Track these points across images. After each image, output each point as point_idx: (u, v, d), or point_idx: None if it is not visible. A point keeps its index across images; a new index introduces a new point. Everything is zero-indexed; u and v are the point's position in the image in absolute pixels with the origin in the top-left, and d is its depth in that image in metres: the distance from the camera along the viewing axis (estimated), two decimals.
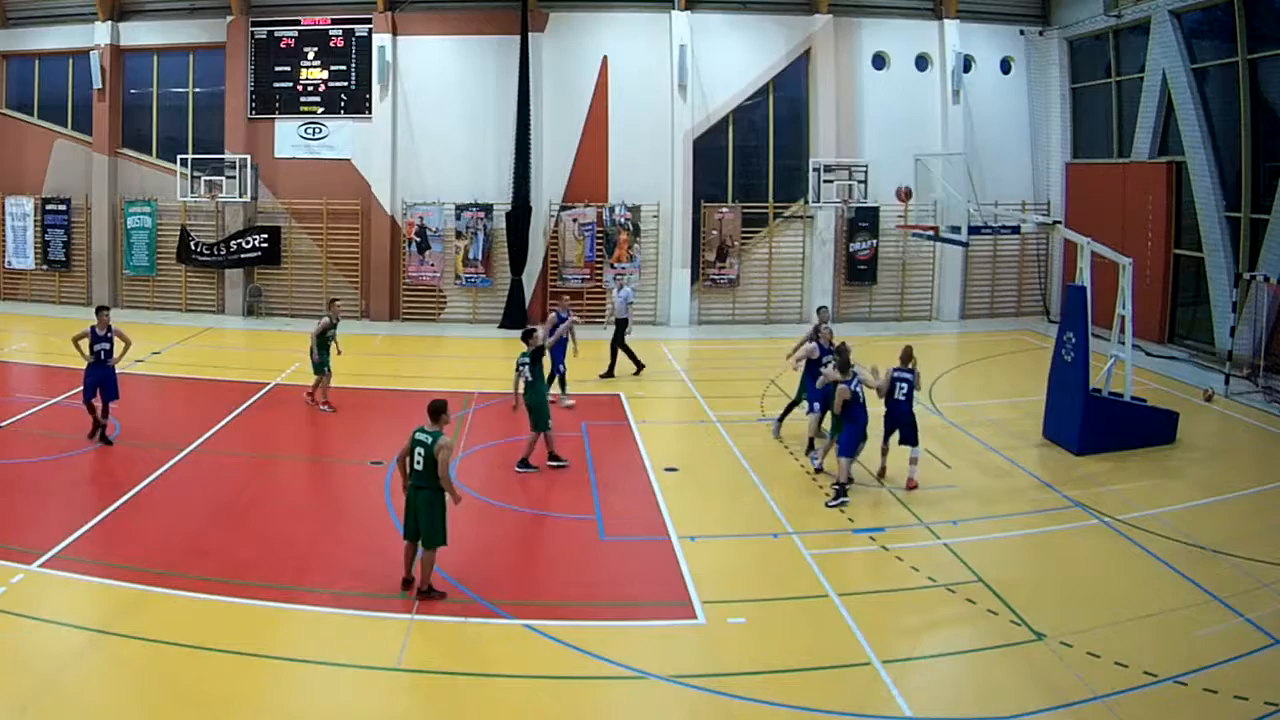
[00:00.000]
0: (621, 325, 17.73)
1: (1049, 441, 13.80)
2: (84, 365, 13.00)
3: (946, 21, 23.75)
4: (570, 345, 15.66)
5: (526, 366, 12.22)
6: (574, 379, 16.08)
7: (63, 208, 24.18)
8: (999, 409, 15.68)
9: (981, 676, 7.77)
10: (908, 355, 12.26)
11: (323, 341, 15.06)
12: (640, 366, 17.89)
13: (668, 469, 12.59)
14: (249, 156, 23.32)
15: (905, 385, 11.99)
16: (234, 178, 22.99)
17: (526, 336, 12.56)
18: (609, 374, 17.56)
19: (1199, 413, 15.63)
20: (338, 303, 16.66)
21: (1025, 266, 24.97)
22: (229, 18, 23.41)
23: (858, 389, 11.51)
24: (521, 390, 12.28)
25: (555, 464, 12.47)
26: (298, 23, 23.44)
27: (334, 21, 23.40)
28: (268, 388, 16.59)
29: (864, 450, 11.92)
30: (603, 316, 23.25)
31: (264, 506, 11.32)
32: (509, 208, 22.66)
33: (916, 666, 7.90)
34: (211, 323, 23.02)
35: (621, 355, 17.73)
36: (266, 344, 20.56)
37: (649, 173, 23.18)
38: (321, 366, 15.13)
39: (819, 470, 12.39)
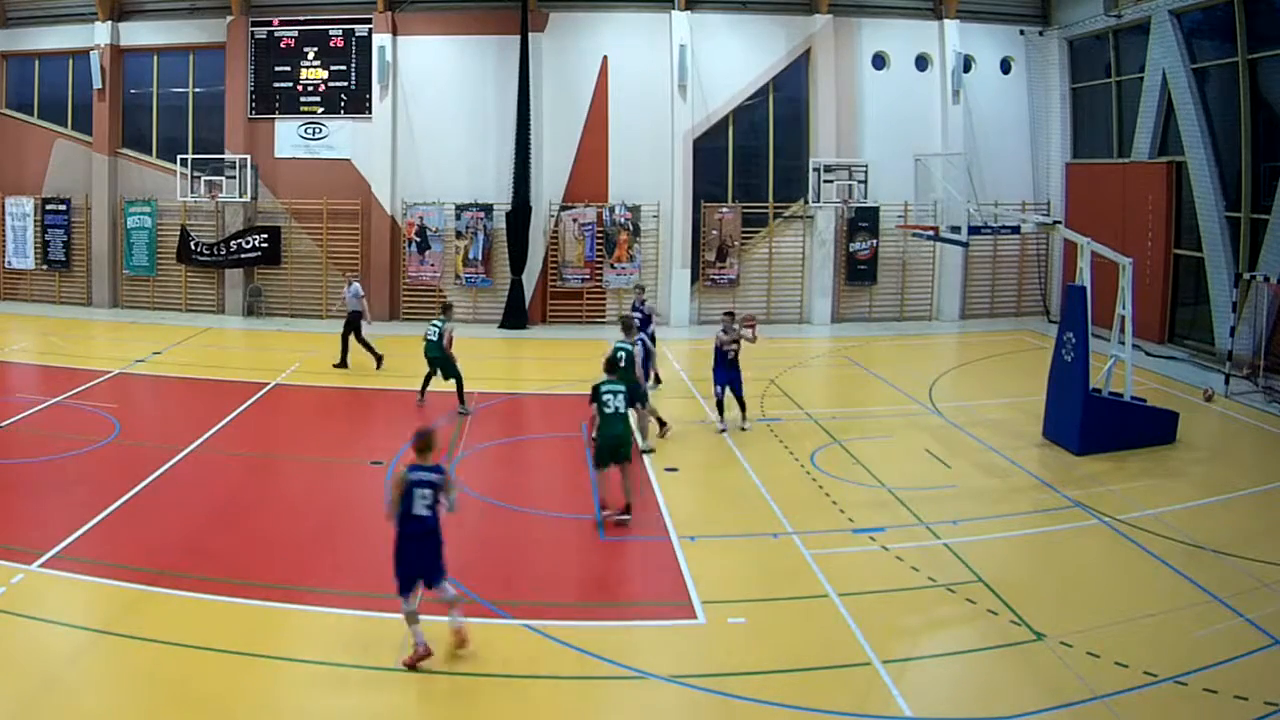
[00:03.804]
0: (354, 319, 17.93)
1: (1049, 441, 13.80)
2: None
3: (946, 21, 23.75)
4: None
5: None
6: (575, 378, 16.07)
7: (63, 208, 24.19)
8: (999, 409, 15.69)
9: (981, 676, 7.76)
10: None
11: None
12: (379, 359, 17.86)
13: (668, 469, 12.58)
14: (249, 156, 23.33)
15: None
16: (234, 178, 22.99)
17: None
18: (342, 364, 17.77)
19: (1199, 413, 15.63)
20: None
21: (1025, 266, 24.97)
22: (229, 18, 23.41)
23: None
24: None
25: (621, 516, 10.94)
26: (298, 23, 23.44)
27: (334, 21, 23.41)
28: (268, 388, 16.59)
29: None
30: (602, 317, 23.31)
31: (264, 506, 11.31)
32: (509, 208, 22.67)
33: (916, 666, 7.89)
34: (211, 323, 23.02)
35: (360, 348, 17.86)
36: (266, 344, 20.55)
37: (649, 173, 23.18)
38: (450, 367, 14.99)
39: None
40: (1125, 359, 13.83)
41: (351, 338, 17.91)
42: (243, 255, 23.51)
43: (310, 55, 23.51)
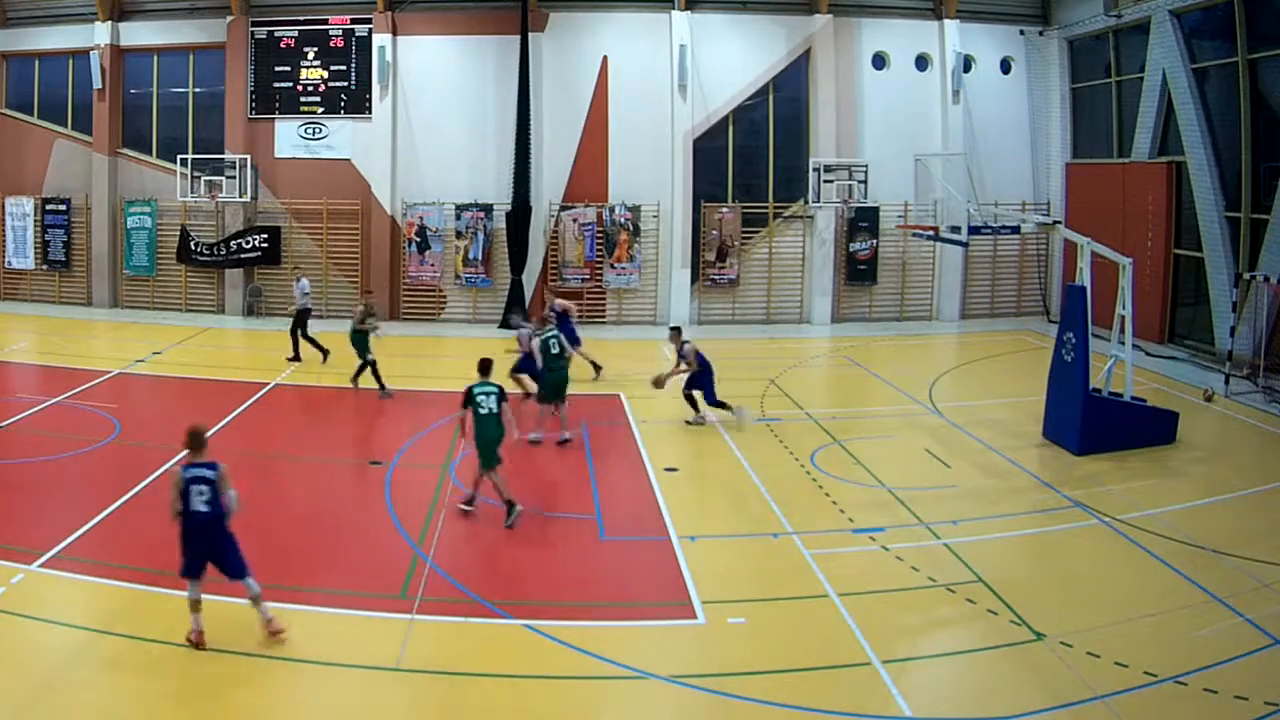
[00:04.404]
0: (302, 315, 18.34)
1: (1049, 441, 13.80)
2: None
3: (946, 21, 23.75)
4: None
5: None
6: (574, 378, 16.04)
7: (63, 208, 24.19)
8: (999, 409, 15.68)
9: (981, 676, 7.77)
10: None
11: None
12: (325, 354, 18.14)
13: (668, 469, 12.58)
14: (249, 156, 23.33)
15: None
16: (234, 178, 23.00)
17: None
18: (295, 358, 18.26)
19: (1199, 413, 15.63)
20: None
21: (1025, 266, 24.97)
22: (229, 18, 23.41)
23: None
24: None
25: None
26: (298, 23, 23.44)
27: (334, 21, 23.42)
28: (268, 388, 16.59)
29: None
30: (602, 317, 23.32)
31: (264, 506, 11.30)
32: (509, 208, 22.67)
33: (916, 666, 7.89)
34: (211, 323, 23.02)
35: (307, 344, 18.30)
36: (266, 344, 20.52)
37: (649, 173, 23.18)
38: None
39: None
40: (1125, 359, 13.84)
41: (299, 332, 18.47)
42: (243, 255, 23.51)
43: (310, 55, 23.50)
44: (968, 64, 23.94)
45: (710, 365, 14.65)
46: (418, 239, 23.29)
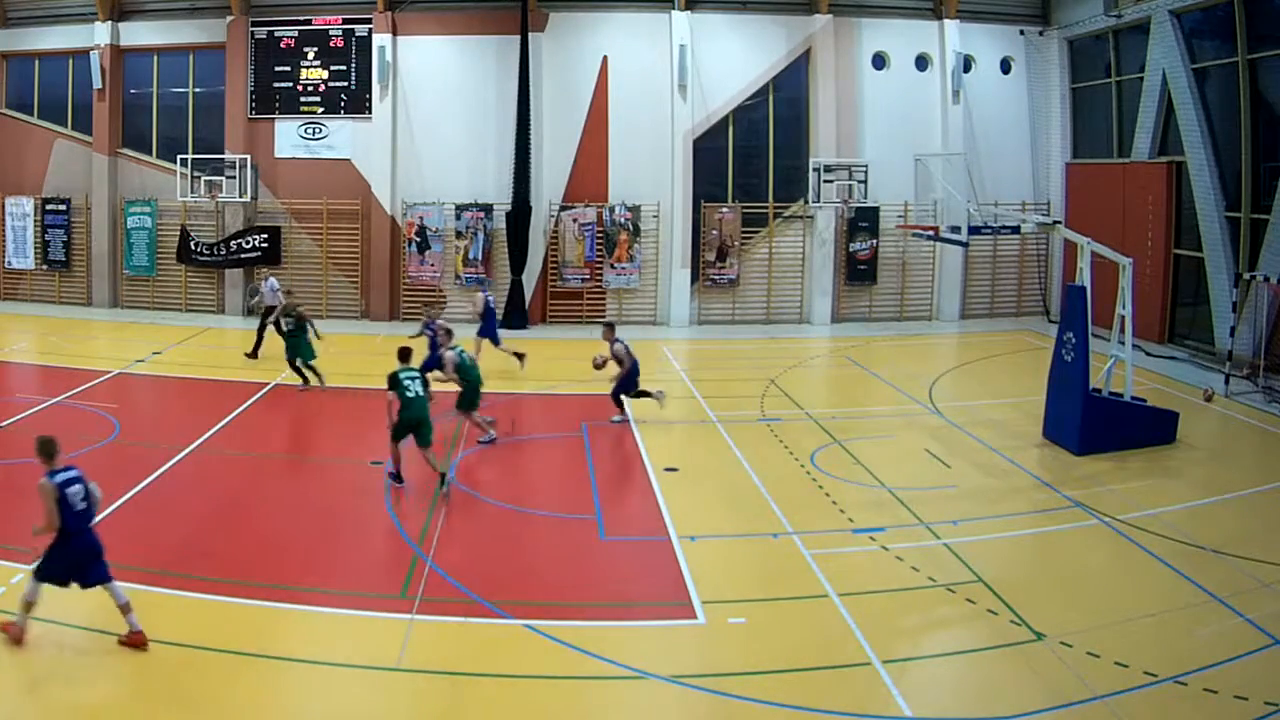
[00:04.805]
0: (268, 313, 18.79)
1: (1049, 441, 13.80)
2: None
3: (946, 21, 23.74)
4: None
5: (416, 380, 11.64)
6: (574, 379, 16.08)
7: (63, 208, 24.18)
8: (999, 409, 15.68)
9: (981, 676, 7.77)
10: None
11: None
12: (253, 354, 18.49)
13: (668, 469, 12.58)
14: (249, 156, 23.33)
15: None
16: (234, 178, 22.99)
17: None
18: (253, 355, 18.53)
19: (1199, 413, 15.63)
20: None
21: (1025, 266, 24.97)
22: (229, 18, 23.40)
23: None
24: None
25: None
26: (298, 23, 23.44)
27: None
28: (268, 388, 16.59)
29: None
30: (602, 317, 23.31)
31: (264, 506, 11.32)
32: (509, 208, 22.66)
33: (916, 666, 7.89)
34: (211, 323, 23.01)
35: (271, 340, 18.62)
36: (266, 344, 20.51)
37: (649, 173, 23.18)
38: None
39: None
40: (1125, 359, 13.84)
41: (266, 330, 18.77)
42: (243, 255, 23.50)
43: (310, 55, 23.50)
44: (968, 64, 23.94)
45: (637, 366, 14.75)
46: (418, 239, 23.29)
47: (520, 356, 17.54)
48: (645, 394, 14.76)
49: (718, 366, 19.56)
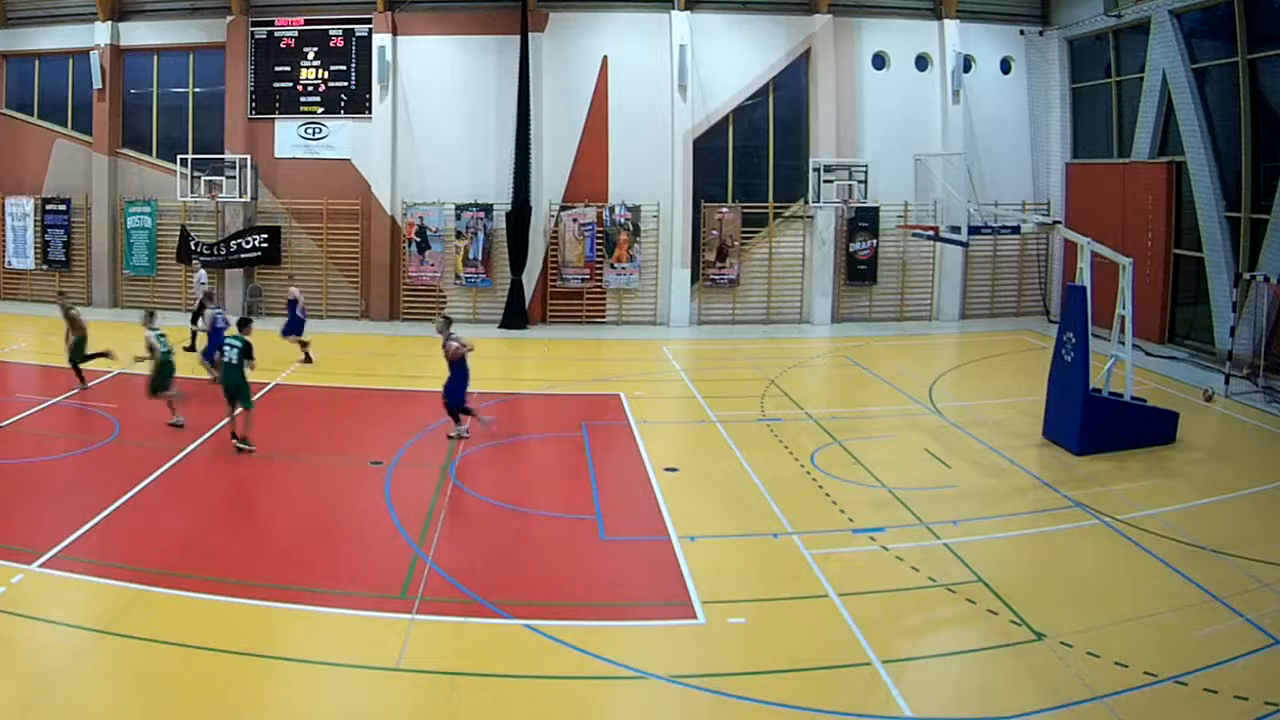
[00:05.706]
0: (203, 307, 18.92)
1: (1049, 441, 13.80)
2: None
3: (946, 21, 23.75)
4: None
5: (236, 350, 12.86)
6: (573, 378, 16.07)
7: (63, 208, 24.18)
8: (999, 409, 15.68)
9: (981, 676, 7.76)
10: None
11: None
12: (190, 348, 18.54)
13: (668, 469, 12.58)
14: (249, 156, 23.33)
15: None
16: (234, 178, 22.99)
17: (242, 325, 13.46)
18: (191, 348, 18.65)
19: (1199, 413, 15.63)
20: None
21: (1025, 266, 24.96)
22: (229, 18, 23.41)
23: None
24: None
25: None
26: (298, 23, 23.44)
27: (334, 21, 23.42)
28: (268, 388, 16.58)
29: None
30: (602, 317, 23.33)
31: (264, 506, 11.32)
32: (509, 208, 22.66)
33: (916, 666, 7.89)
34: None
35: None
36: (266, 344, 20.50)
37: (649, 173, 23.18)
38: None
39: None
40: (1125, 359, 13.83)
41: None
42: (243, 255, 23.51)
43: (310, 55, 23.51)
44: (968, 64, 23.95)
45: (468, 372, 13.50)
46: (418, 239, 23.29)
47: (305, 347, 18.23)
48: (469, 412, 13.49)
49: (718, 366, 19.55)
